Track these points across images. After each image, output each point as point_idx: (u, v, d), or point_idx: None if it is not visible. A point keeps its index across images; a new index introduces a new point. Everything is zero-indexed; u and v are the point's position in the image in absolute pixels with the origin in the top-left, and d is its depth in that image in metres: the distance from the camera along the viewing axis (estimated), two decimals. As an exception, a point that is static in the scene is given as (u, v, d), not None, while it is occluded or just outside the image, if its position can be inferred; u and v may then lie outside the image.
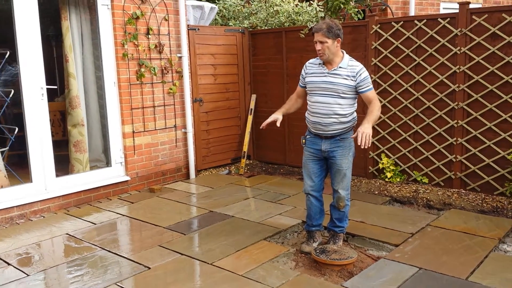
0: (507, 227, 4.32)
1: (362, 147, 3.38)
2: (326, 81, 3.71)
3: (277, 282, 3.39)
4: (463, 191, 5.33)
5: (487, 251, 3.83)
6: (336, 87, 3.68)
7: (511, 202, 4.89)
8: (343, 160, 3.81)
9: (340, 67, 3.70)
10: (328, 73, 3.72)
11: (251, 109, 7.12)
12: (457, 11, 5.21)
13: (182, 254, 3.91)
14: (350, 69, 3.70)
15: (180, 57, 6.17)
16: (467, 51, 5.14)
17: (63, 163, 5.65)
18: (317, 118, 3.76)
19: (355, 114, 3.83)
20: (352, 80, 3.68)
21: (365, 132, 3.39)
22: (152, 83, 5.93)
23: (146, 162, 5.96)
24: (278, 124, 3.88)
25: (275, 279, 3.43)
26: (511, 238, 4.18)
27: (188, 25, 6.30)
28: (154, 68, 5.86)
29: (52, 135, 5.18)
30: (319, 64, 3.79)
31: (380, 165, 5.89)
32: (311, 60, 3.91)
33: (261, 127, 4.00)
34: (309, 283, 3.43)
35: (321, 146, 3.81)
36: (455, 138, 5.34)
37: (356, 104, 3.82)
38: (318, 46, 3.63)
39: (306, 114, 3.91)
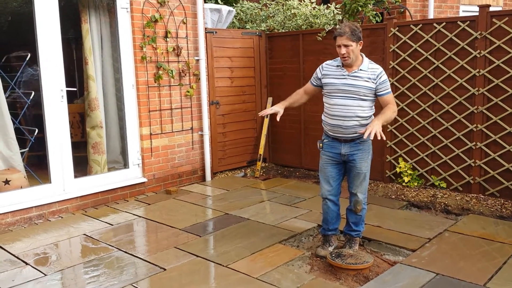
0: (528, 234, 4.24)
1: (379, 138, 3.37)
2: (347, 83, 3.69)
3: (292, 285, 3.38)
4: (482, 196, 5.25)
5: (506, 257, 3.76)
6: (358, 90, 3.66)
7: (532, 208, 4.79)
8: (362, 164, 3.79)
9: (361, 70, 3.68)
10: (348, 75, 3.70)
11: (268, 112, 7.11)
12: (477, 14, 5.14)
13: (197, 256, 3.92)
14: (370, 71, 3.68)
15: (197, 60, 6.21)
16: (487, 54, 5.07)
17: (82, 164, 5.72)
18: (337, 121, 3.73)
19: (373, 116, 3.80)
20: (373, 82, 3.67)
21: (374, 127, 3.38)
22: (170, 85, 5.98)
23: (163, 164, 6.01)
24: (278, 119, 3.89)
25: (290, 282, 3.42)
26: (532, 245, 4.10)
27: (205, 28, 6.34)
28: (171, 70, 5.91)
29: (71, 137, 5.25)
30: (337, 66, 3.78)
31: (398, 169, 5.83)
32: (328, 62, 3.89)
33: (259, 114, 4.03)
34: (324, 287, 3.41)
35: (341, 150, 3.79)
36: (474, 143, 5.26)
37: (374, 107, 3.80)
38: (343, 50, 3.61)
39: (324, 117, 3.88)
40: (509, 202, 5.01)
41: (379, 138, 3.39)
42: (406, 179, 5.74)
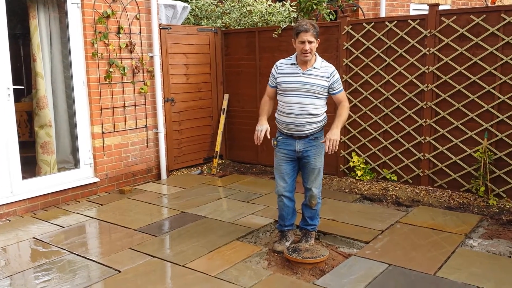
0: (473, 223, 4.44)
1: (330, 153, 3.54)
2: (301, 81, 3.73)
3: (250, 282, 3.39)
4: (431, 188, 5.45)
5: (454, 247, 3.93)
6: (312, 88, 3.70)
7: (477, 199, 5.02)
8: (317, 159, 3.85)
9: (314, 68, 3.73)
10: (302, 73, 3.74)
11: (224, 108, 7.10)
12: (427, 12, 5.32)
13: (153, 257, 3.86)
14: (323, 70, 3.74)
15: (151, 57, 6.10)
16: (436, 52, 5.25)
17: (30, 165, 5.50)
18: (291, 119, 3.76)
19: (325, 113, 3.87)
20: (326, 81, 3.73)
21: (333, 139, 3.54)
22: (123, 82, 5.84)
23: (116, 163, 5.87)
24: (268, 135, 3.76)
25: (248, 279, 3.43)
26: (477, 234, 4.29)
27: (160, 24, 6.23)
28: (124, 67, 5.78)
29: (19, 136, 5.05)
30: (292, 64, 3.80)
31: (351, 164, 5.96)
32: (282, 60, 3.91)
33: (257, 143, 3.75)
34: (282, 282, 3.44)
35: (295, 147, 3.82)
36: (423, 137, 5.45)
37: (326, 105, 3.86)
38: (307, 46, 3.63)
39: (277, 115, 3.90)
40: (457, 193, 5.23)
41: (330, 152, 3.54)
42: (359, 173, 5.88)
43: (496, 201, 4.92)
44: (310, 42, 3.63)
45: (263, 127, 3.76)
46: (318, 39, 3.73)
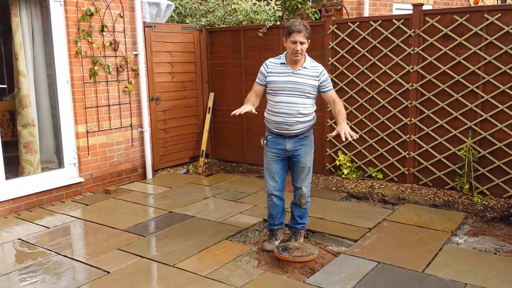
0: (458, 220, 4.51)
1: (352, 138, 3.56)
2: (291, 81, 3.73)
3: (241, 281, 3.38)
4: (416, 186, 5.53)
5: (440, 244, 3.99)
6: (302, 87, 3.72)
7: (462, 196, 5.11)
8: (307, 158, 3.87)
9: (304, 67, 3.74)
10: (292, 73, 3.74)
11: (209, 107, 7.07)
12: (410, 12, 5.38)
13: (142, 257, 3.82)
14: (312, 69, 3.76)
15: (136, 55, 6.03)
16: (420, 51, 5.32)
17: (13, 165, 5.39)
18: (281, 118, 3.76)
19: (314, 113, 3.89)
20: (316, 80, 3.74)
21: (347, 130, 3.60)
22: (107, 81, 5.76)
23: (100, 162, 5.79)
24: (254, 111, 3.72)
25: (239, 278, 3.43)
26: (463, 231, 4.37)
27: (144, 22, 6.17)
28: (108, 66, 5.70)
29: (1, 136, 4.97)
30: (281, 63, 3.80)
31: (337, 162, 6.01)
32: (271, 59, 3.91)
33: (232, 114, 3.67)
34: (273, 281, 3.45)
35: (285, 146, 3.83)
36: (408, 135, 5.52)
37: (315, 105, 3.88)
38: (298, 47, 3.64)
39: (266, 115, 3.90)
40: (441, 191, 5.32)
41: (353, 138, 3.56)
42: (345, 171, 5.92)
43: (480, 198, 5.01)
44: (301, 43, 3.65)
45: (248, 106, 3.70)
46: (309, 40, 3.74)
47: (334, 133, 3.65)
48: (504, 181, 4.97)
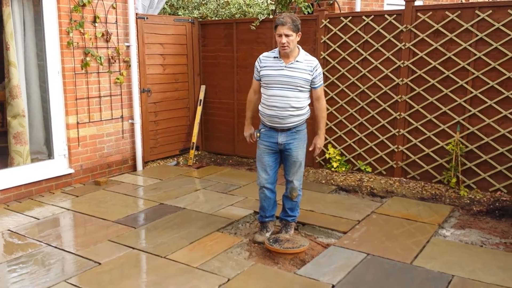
0: (446, 213, 4.59)
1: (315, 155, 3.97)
2: (284, 74, 3.75)
3: (233, 272, 3.42)
4: (404, 179, 5.60)
5: (428, 236, 4.06)
6: (295, 81, 3.74)
7: (449, 190, 5.19)
8: (299, 152, 3.89)
9: (297, 61, 3.76)
10: (285, 66, 3.76)
11: (200, 100, 7.07)
12: (402, 7, 5.42)
13: (133, 248, 3.84)
14: (306, 63, 3.77)
15: (128, 46, 6.01)
16: (411, 47, 5.37)
17: (2, 156, 5.37)
18: (274, 111, 3.79)
19: (308, 107, 3.92)
20: (309, 74, 3.76)
21: (320, 147, 4.00)
22: (98, 72, 5.73)
23: (91, 154, 5.77)
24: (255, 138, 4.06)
25: (230, 269, 3.46)
26: (450, 224, 4.45)
27: (136, 14, 6.14)
28: (100, 57, 5.67)
29: (-10, 126, 4.91)
30: (274, 57, 3.82)
31: (327, 155, 6.05)
32: (265, 54, 3.93)
33: (249, 142, 4.19)
34: (264, 272, 3.49)
35: (278, 139, 3.86)
36: (397, 130, 5.58)
37: (309, 98, 3.91)
38: (284, 40, 3.66)
39: (261, 108, 3.92)
40: (429, 184, 5.39)
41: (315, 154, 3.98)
42: (335, 164, 5.98)
43: (467, 192, 5.10)
44: (287, 36, 3.65)
45: (248, 133, 4.14)
46: (299, 33, 3.74)
47: (311, 148, 4.00)
48: (490, 175, 5.05)
